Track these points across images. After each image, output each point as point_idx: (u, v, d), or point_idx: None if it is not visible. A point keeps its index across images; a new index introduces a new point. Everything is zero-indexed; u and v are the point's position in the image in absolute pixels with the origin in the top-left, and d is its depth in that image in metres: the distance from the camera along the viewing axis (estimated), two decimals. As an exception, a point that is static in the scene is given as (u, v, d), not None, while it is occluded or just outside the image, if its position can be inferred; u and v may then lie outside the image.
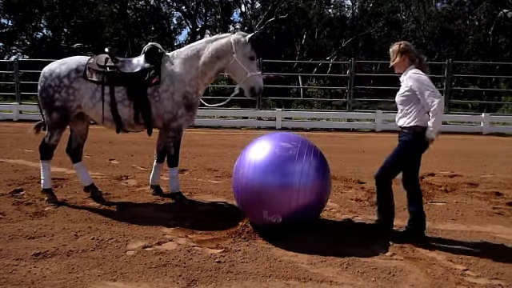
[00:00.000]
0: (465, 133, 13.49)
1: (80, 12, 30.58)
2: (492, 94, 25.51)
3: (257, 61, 4.98)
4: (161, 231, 4.29)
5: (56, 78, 5.01)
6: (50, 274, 3.33)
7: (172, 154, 5.18)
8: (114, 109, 4.93)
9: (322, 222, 4.51)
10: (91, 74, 4.97)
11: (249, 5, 35.22)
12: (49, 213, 4.76)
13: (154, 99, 4.94)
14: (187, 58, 5.02)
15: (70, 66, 5.04)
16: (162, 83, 4.94)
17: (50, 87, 5.03)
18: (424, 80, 3.94)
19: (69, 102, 5.00)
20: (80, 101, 5.00)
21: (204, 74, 5.04)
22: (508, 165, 8.14)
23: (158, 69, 4.97)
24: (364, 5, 33.57)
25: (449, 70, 14.54)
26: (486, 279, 3.42)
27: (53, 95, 5.01)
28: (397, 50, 4.11)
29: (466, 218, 4.95)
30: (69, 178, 6.31)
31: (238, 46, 4.86)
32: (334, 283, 3.30)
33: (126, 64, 5.04)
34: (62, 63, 5.13)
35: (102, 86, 4.93)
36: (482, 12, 28.34)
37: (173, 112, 4.97)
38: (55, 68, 5.08)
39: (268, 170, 3.92)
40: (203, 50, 5.01)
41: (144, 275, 3.36)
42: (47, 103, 5.09)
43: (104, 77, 4.93)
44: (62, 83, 4.98)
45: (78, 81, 4.97)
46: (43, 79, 5.11)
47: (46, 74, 5.11)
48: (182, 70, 4.99)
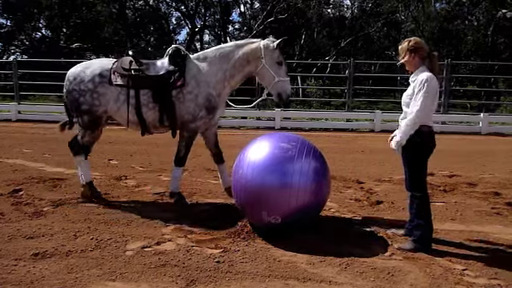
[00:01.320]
0: (463, 133, 13.50)
1: (79, 12, 30.55)
2: (491, 94, 25.54)
3: (285, 66, 4.95)
4: (160, 231, 4.29)
5: (80, 83, 5.04)
6: (49, 274, 3.33)
7: (181, 155, 5.18)
8: (138, 112, 4.96)
9: (321, 222, 4.51)
10: (116, 78, 4.99)
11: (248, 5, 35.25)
12: (48, 213, 4.76)
13: (178, 101, 4.95)
14: (215, 61, 5.03)
15: (93, 70, 5.05)
16: (186, 85, 4.94)
17: (74, 91, 5.07)
18: (428, 90, 3.74)
19: (94, 106, 5.02)
20: (106, 106, 5.03)
21: (232, 77, 5.05)
22: (507, 165, 8.15)
23: (183, 71, 4.98)
24: (363, 5, 33.58)
25: (448, 70, 14.55)
26: (484, 279, 3.43)
27: (78, 99, 5.05)
28: (406, 47, 3.95)
29: (464, 217, 4.96)
30: (67, 178, 6.31)
31: (267, 51, 4.86)
32: (334, 283, 3.30)
33: (151, 67, 5.05)
34: (86, 67, 5.14)
35: (127, 89, 4.96)
36: (481, 12, 28.37)
37: (194, 114, 4.98)
38: (79, 72, 5.10)
39: (267, 171, 3.92)
40: (233, 53, 5.01)
41: (143, 275, 3.36)
42: (75, 106, 5.14)
43: (129, 80, 4.95)
44: (86, 87, 5.01)
45: (103, 86, 4.99)
46: (67, 83, 5.15)
47: (70, 77, 5.14)
48: (209, 72, 5.00)
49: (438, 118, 14.29)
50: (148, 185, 6.07)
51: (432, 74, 3.82)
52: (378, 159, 8.14)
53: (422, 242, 3.92)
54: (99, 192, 5.36)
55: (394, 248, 3.96)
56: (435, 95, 3.85)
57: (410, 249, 3.90)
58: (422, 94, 3.75)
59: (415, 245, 3.92)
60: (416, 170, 3.96)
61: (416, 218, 3.99)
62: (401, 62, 4.03)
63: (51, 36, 31.36)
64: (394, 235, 4.27)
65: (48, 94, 20.06)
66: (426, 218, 3.95)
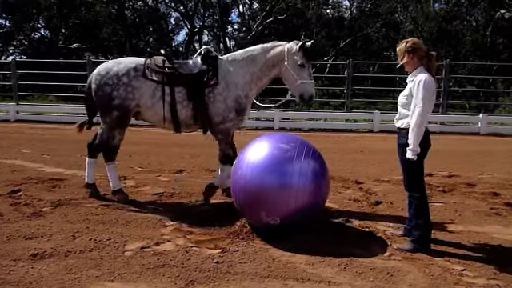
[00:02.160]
0: (462, 133, 13.52)
1: (78, 12, 30.53)
2: (489, 95, 25.55)
3: (309, 68, 4.95)
4: (159, 232, 4.28)
5: (114, 76, 5.01)
6: (48, 275, 3.33)
7: (226, 153, 5.20)
8: (173, 109, 5.01)
9: (320, 223, 4.51)
10: (150, 73, 5.03)
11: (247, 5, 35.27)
12: (46, 213, 4.75)
13: (209, 101, 5.00)
14: (242, 63, 5.10)
15: (128, 64, 5.08)
16: (217, 86, 5.01)
17: (107, 85, 5.03)
18: (427, 91, 3.73)
19: (128, 100, 5.02)
20: (139, 100, 5.03)
21: (259, 79, 5.11)
22: (505, 165, 8.16)
23: (215, 70, 5.04)
24: (362, 5, 33.64)
25: (447, 71, 14.56)
26: (483, 279, 3.43)
27: (110, 93, 5.01)
28: (404, 49, 3.92)
29: (463, 218, 4.96)
30: (67, 178, 6.30)
31: (290, 54, 4.91)
32: (333, 283, 3.30)
33: (183, 65, 5.11)
34: (118, 62, 5.16)
35: (162, 86, 4.99)
36: (480, 13, 28.41)
37: (223, 115, 5.03)
38: (112, 66, 5.10)
39: (266, 171, 3.91)
40: (260, 57, 5.07)
41: (142, 276, 3.35)
42: (104, 102, 5.08)
43: (164, 77, 5.00)
44: (120, 81, 4.99)
45: (138, 79, 5.01)
46: (99, 77, 5.09)
47: (101, 72, 5.10)
48: (237, 74, 5.06)
49: (437, 119, 14.31)
50: (147, 185, 6.07)
51: (429, 75, 3.81)
52: (376, 159, 8.14)
53: (421, 242, 3.92)
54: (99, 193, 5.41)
55: (393, 248, 3.97)
56: (433, 96, 3.84)
57: (409, 249, 3.90)
58: (421, 96, 3.73)
59: (414, 245, 3.92)
60: (414, 170, 3.94)
61: (415, 218, 4.00)
62: (400, 64, 4.00)
63: (50, 36, 31.33)
64: (392, 236, 4.28)
65: (47, 95, 20.03)
66: (425, 219, 3.95)
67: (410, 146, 3.78)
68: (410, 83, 3.91)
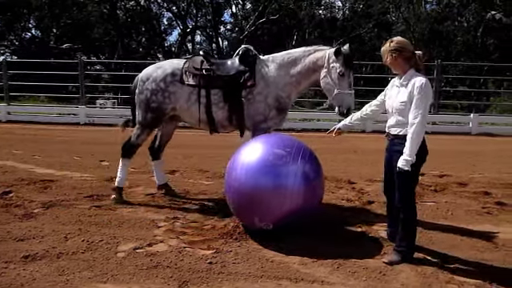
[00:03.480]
0: (454, 133, 13.60)
1: (69, 12, 30.35)
2: (481, 95, 25.76)
3: (349, 77, 4.70)
4: (152, 232, 4.27)
5: (153, 82, 5.15)
6: (40, 277, 3.30)
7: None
8: (208, 111, 5.02)
9: (313, 223, 4.51)
10: (187, 77, 5.07)
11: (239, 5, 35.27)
12: (38, 215, 4.72)
13: (247, 101, 4.96)
14: (283, 64, 5.00)
15: (165, 70, 5.17)
16: (256, 86, 4.97)
17: (146, 90, 5.18)
18: (428, 95, 3.55)
19: (164, 104, 5.13)
20: (175, 103, 5.12)
21: (298, 83, 5.00)
22: (496, 164, 8.23)
23: (253, 71, 4.99)
24: (354, 6, 33.77)
25: (438, 71, 14.65)
26: (475, 278, 3.45)
27: (150, 98, 5.16)
28: (387, 49, 3.68)
29: (455, 217, 4.99)
30: (58, 179, 6.26)
31: (330, 60, 4.73)
32: (326, 283, 3.31)
33: (221, 66, 5.09)
34: (157, 67, 5.27)
35: (199, 88, 5.02)
36: (471, 14, 28.63)
37: (264, 114, 4.99)
38: (152, 72, 5.23)
39: (261, 173, 3.87)
40: (300, 60, 4.96)
41: (135, 277, 3.34)
42: (143, 105, 5.24)
43: (200, 79, 5.01)
44: (158, 86, 5.12)
45: (174, 84, 5.09)
46: (141, 83, 5.26)
47: (143, 78, 5.27)
48: (276, 75, 4.98)
49: (429, 119, 14.37)
50: (140, 186, 6.05)
51: (426, 78, 3.60)
52: (369, 159, 8.17)
53: (409, 253, 3.75)
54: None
55: (386, 247, 3.98)
56: (431, 101, 3.74)
57: (398, 261, 3.68)
58: (423, 102, 3.51)
59: (401, 256, 3.71)
60: (410, 181, 3.68)
61: (403, 229, 3.74)
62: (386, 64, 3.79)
63: (41, 36, 31.15)
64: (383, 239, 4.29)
65: (38, 95, 19.90)
66: (414, 230, 3.79)
67: (406, 155, 3.50)
68: (404, 87, 3.64)
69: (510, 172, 7.45)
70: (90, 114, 14.95)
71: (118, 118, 14.94)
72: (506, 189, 6.29)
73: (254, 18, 31.10)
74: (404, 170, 3.52)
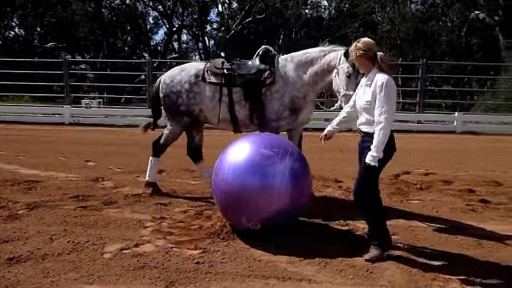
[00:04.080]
0: (439, 132, 13.75)
1: (53, 11, 29.97)
2: (465, 94, 26.08)
3: (355, 79, 4.60)
4: (138, 233, 4.24)
5: (177, 84, 5.32)
6: (25, 279, 3.26)
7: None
8: (231, 109, 5.10)
9: (300, 222, 4.53)
10: (209, 76, 5.20)
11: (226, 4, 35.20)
12: (23, 216, 4.65)
13: (265, 99, 5.02)
14: (300, 64, 5.05)
15: (189, 71, 5.34)
16: (275, 84, 5.03)
17: (172, 93, 5.35)
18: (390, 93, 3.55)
19: (191, 105, 5.29)
20: (201, 104, 5.27)
21: (315, 83, 5.03)
22: (480, 163, 8.34)
23: (272, 70, 5.05)
24: (340, 5, 33.92)
25: (423, 70, 14.80)
26: (460, 274, 3.49)
27: (176, 100, 5.33)
28: (353, 49, 3.71)
29: (440, 214, 5.05)
30: (43, 180, 6.18)
31: (341, 61, 4.73)
32: (313, 281, 3.32)
33: (242, 66, 5.17)
34: (181, 70, 5.43)
35: (220, 87, 5.11)
36: (455, 14, 28.96)
37: (277, 113, 5.05)
38: (176, 75, 5.39)
39: (248, 173, 3.86)
40: (316, 60, 4.97)
41: (121, 278, 3.32)
42: (171, 108, 5.42)
43: (222, 78, 5.11)
44: (183, 88, 5.28)
45: (198, 84, 5.23)
46: (164, 86, 5.42)
47: (166, 81, 5.42)
48: (294, 75, 5.04)
49: (414, 118, 14.53)
50: (126, 186, 6.00)
51: (389, 76, 3.61)
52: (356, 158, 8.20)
53: (383, 243, 3.77)
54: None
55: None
56: (395, 97, 3.67)
57: (379, 254, 3.70)
58: (386, 99, 3.53)
59: (380, 249, 3.73)
60: (374, 176, 3.75)
61: (369, 223, 3.86)
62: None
63: (25, 35, 30.71)
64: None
65: (22, 95, 19.64)
66: (380, 222, 3.81)
67: (374, 151, 3.56)
68: (368, 87, 3.68)
69: (493, 170, 7.56)
70: (75, 114, 14.81)
71: (103, 118, 14.89)
72: (490, 186, 6.38)
73: (241, 17, 31.08)
74: (371, 165, 3.60)
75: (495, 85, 20.55)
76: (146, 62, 16.88)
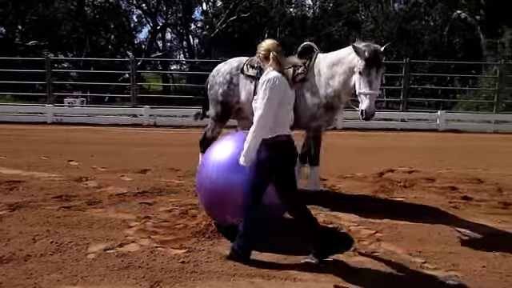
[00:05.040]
0: (422, 130, 13.89)
1: (35, 9, 29.51)
2: (447, 92, 26.42)
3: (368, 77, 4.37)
4: (123, 233, 4.21)
5: (220, 76, 5.60)
6: (7, 280, 3.21)
7: (312, 153, 5.25)
8: None
9: (285, 220, 4.53)
10: (248, 69, 5.32)
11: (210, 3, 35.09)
12: (4, 217, 4.58)
13: (298, 98, 4.81)
14: (331, 63, 4.91)
15: (232, 64, 5.58)
16: (308, 82, 4.97)
17: (216, 84, 5.63)
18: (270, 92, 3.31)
19: (229, 96, 5.50)
20: (239, 96, 5.42)
21: (345, 82, 4.79)
22: (463, 160, 8.46)
23: (308, 67, 4.99)
24: (324, 4, 34.08)
25: (406, 69, 14.94)
26: (442, 271, 3.54)
27: (217, 91, 5.59)
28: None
29: (423, 212, 5.10)
30: (25, 180, 6.09)
31: (357, 59, 4.50)
32: (298, 280, 3.33)
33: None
34: (226, 63, 5.70)
35: (255, 81, 5.10)
36: (437, 13, 29.32)
37: (312, 111, 4.98)
38: (221, 67, 5.69)
39: (232, 171, 3.86)
40: (344, 59, 4.79)
41: (106, 278, 3.29)
42: (214, 99, 5.68)
43: (257, 72, 5.08)
44: (224, 79, 5.53)
45: (238, 77, 5.42)
46: (211, 78, 5.75)
47: (214, 73, 5.75)
48: (326, 73, 4.93)
49: (398, 116, 14.67)
50: (110, 185, 5.95)
51: (278, 74, 3.39)
52: (339, 156, 8.27)
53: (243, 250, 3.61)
54: None
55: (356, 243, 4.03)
56: (282, 98, 3.37)
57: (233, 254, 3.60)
58: (263, 97, 3.32)
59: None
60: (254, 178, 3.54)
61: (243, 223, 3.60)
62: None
63: (6, 33, 30.18)
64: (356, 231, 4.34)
65: (3, 94, 19.31)
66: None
67: (241, 155, 3.37)
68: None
69: (475, 167, 7.68)
70: (58, 113, 14.62)
71: (86, 117, 14.73)
72: (472, 184, 6.47)
73: (225, 16, 31.03)
74: (241, 163, 3.41)
75: (477, 83, 20.85)
76: (130, 60, 16.74)
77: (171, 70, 36.45)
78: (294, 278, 3.35)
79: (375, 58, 4.39)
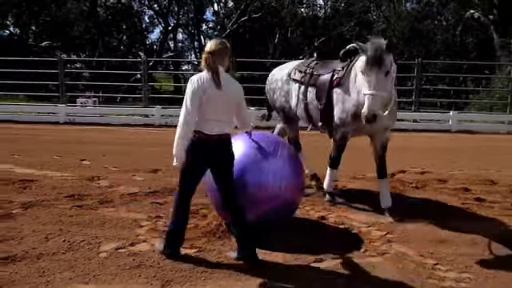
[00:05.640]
0: (434, 130, 13.77)
1: (48, 9, 29.83)
2: (460, 93, 26.14)
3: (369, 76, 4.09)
4: (134, 232, 4.23)
5: (273, 82, 5.71)
6: (20, 278, 3.25)
7: (332, 156, 5.17)
8: (306, 108, 5.13)
9: (296, 220, 4.53)
10: (295, 73, 5.33)
11: (222, 3, 35.16)
12: (17, 215, 4.63)
13: (333, 101, 4.81)
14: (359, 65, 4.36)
15: (284, 69, 5.62)
16: (341, 87, 4.74)
17: (270, 90, 5.77)
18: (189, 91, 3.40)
19: (283, 102, 5.56)
20: (290, 100, 5.43)
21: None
22: (475, 161, 8.36)
23: (346, 71, 4.74)
24: (336, 4, 33.96)
25: (418, 69, 14.82)
26: (455, 273, 3.51)
27: (273, 96, 5.71)
28: None
29: (435, 213, 5.05)
30: (38, 179, 6.15)
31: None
32: (307, 279, 3.32)
33: (324, 65, 5.12)
34: (281, 68, 5.76)
35: (300, 85, 5.20)
36: (450, 12, 29.04)
37: (341, 117, 4.72)
38: (276, 73, 5.77)
39: (242, 169, 3.90)
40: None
41: (117, 277, 3.31)
42: (271, 104, 5.84)
43: (304, 77, 5.16)
44: (277, 85, 5.61)
45: (288, 82, 5.44)
46: (267, 83, 5.86)
47: (269, 78, 5.85)
48: (357, 77, 4.47)
49: (410, 117, 14.56)
50: (121, 185, 5.99)
51: (201, 74, 3.43)
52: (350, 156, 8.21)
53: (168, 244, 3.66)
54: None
55: (367, 244, 4.01)
56: (199, 96, 3.37)
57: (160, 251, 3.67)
58: (186, 95, 3.40)
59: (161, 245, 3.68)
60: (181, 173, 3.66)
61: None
62: None
63: (20, 34, 30.54)
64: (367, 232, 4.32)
65: (17, 94, 19.54)
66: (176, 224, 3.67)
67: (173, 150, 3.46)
68: None
69: (488, 168, 7.59)
70: (71, 113, 14.75)
71: (98, 117, 14.83)
72: (485, 185, 6.40)
73: (236, 16, 31.05)
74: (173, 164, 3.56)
75: (490, 84, 20.60)
76: (142, 60, 16.82)
77: (183, 70, 36.57)
78: (303, 277, 3.34)
79: (375, 55, 4.06)
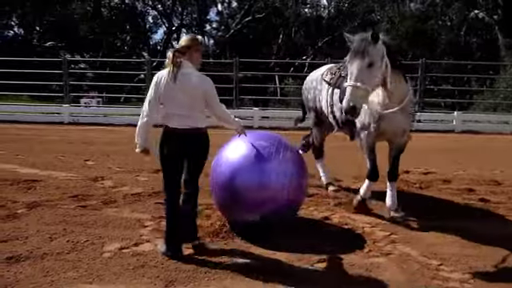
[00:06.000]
0: (438, 131, 13.74)
1: (52, 10, 29.92)
2: (464, 93, 26.06)
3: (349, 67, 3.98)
4: (138, 232, 4.24)
5: (309, 82, 5.77)
6: (24, 278, 3.26)
7: (368, 168, 4.83)
8: (331, 110, 5.15)
9: (300, 220, 4.53)
10: (326, 74, 5.33)
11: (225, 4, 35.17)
12: (22, 215, 4.65)
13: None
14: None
15: (320, 70, 5.62)
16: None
17: (305, 90, 5.84)
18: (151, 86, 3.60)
19: (315, 101, 5.60)
20: (321, 101, 5.43)
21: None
22: (479, 161, 8.33)
23: None
24: (339, 5, 33.92)
25: (422, 70, 14.79)
26: (459, 273, 3.50)
27: (307, 96, 5.78)
28: None
29: (440, 214, 5.04)
30: (42, 179, 6.17)
31: None
32: (312, 280, 3.32)
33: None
34: (317, 70, 5.76)
35: (328, 87, 5.20)
36: (454, 13, 28.94)
37: (360, 119, 4.51)
38: (313, 73, 5.82)
39: (245, 170, 3.91)
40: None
41: (121, 277, 3.32)
42: (306, 104, 5.90)
43: (331, 79, 5.16)
44: (311, 85, 5.66)
45: (321, 82, 5.44)
46: (304, 82, 5.95)
47: (307, 79, 5.92)
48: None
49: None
50: (126, 185, 6.00)
51: (162, 71, 3.56)
52: (354, 157, 8.20)
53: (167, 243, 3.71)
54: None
55: (371, 245, 4.01)
56: (155, 90, 3.53)
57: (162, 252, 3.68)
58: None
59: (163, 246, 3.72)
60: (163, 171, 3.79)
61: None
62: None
63: (24, 34, 30.65)
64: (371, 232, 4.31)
65: (21, 94, 19.61)
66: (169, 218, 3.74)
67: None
68: None
69: (492, 169, 7.56)
70: (75, 113, 14.80)
71: (102, 117, 14.87)
72: (489, 186, 6.38)
73: (240, 17, 31.08)
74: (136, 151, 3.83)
75: (494, 84, 20.53)
76: (146, 61, 16.89)
77: (186, 70, 36.54)
78: (308, 278, 3.34)
79: (357, 45, 3.95)
